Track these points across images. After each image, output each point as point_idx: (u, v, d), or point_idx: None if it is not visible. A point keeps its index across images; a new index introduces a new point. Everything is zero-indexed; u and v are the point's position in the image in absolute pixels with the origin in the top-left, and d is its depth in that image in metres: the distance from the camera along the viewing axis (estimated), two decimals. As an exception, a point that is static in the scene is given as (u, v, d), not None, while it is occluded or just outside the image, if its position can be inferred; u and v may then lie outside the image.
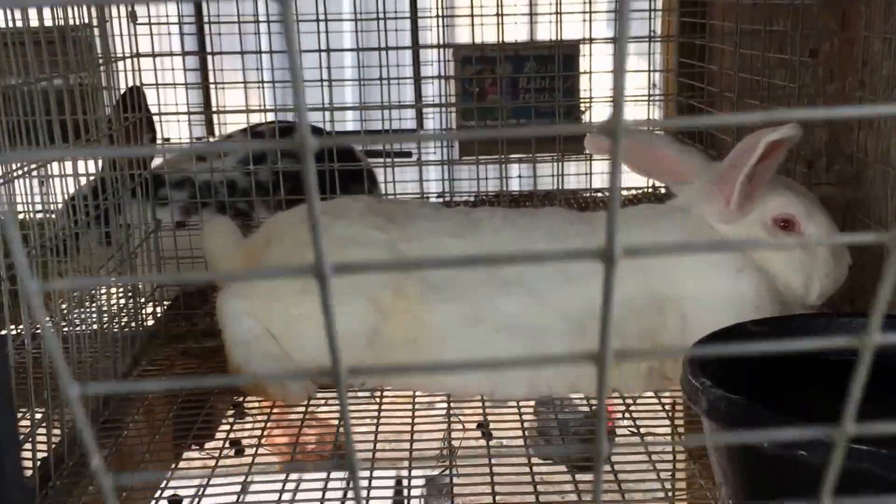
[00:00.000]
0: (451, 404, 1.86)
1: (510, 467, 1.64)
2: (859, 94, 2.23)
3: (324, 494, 1.51)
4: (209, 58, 2.85)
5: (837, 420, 1.30)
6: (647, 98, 2.81)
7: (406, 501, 1.72)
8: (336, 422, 1.90)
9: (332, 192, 2.32)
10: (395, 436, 1.71)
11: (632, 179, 3.56)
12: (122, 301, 2.11)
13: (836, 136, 2.42)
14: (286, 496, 1.50)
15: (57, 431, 1.55)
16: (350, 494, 1.52)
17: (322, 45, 2.30)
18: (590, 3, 2.64)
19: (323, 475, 1.58)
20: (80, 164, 1.80)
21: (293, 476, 1.59)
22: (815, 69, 2.46)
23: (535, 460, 1.63)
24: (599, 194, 3.48)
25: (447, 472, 1.72)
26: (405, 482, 1.66)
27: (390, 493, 1.76)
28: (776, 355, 1.38)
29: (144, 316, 2.23)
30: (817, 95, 2.46)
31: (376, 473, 1.58)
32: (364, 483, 1.57)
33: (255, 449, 1.65)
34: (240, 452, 1.70)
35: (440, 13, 2.50)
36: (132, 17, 2.17)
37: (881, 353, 1.34)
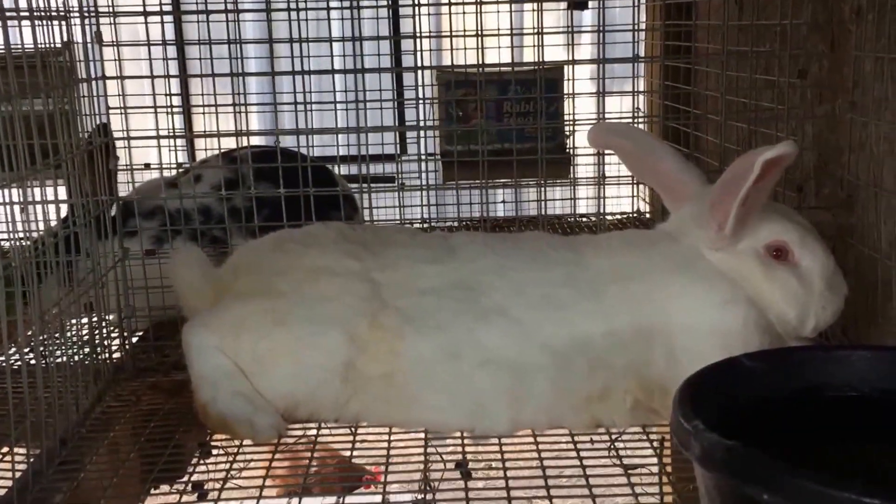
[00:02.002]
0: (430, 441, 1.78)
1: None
2: (850, 116, 2.17)
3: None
4: (189, 81, 2.79)
5: (845, 465, 1.22)
6: (632, 119, 2.74)
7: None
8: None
9: (308, 219, 2.24)
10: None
11: (618, 204, 3.52)
12: (87, 333, 2.02)
13: (825, 160, 2.36)
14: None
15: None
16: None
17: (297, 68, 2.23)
18: (571, 23, 2.58)
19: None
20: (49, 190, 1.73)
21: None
22: (804, 91, 2.41)
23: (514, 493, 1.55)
24: (584, 219, 3.43)
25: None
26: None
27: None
28: (771, 391, 1.33)
29: (111, 347, 2.13)
30: (806, 118, 2.40)
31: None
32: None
33: (218, 493, 1.55)
34: (203, 497, 1.61)
35: (418, 33, 2.43)
36: (97, 37, 2.09)
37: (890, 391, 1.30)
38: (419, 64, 2.51)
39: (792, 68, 2.27)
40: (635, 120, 2.80)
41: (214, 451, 1.78)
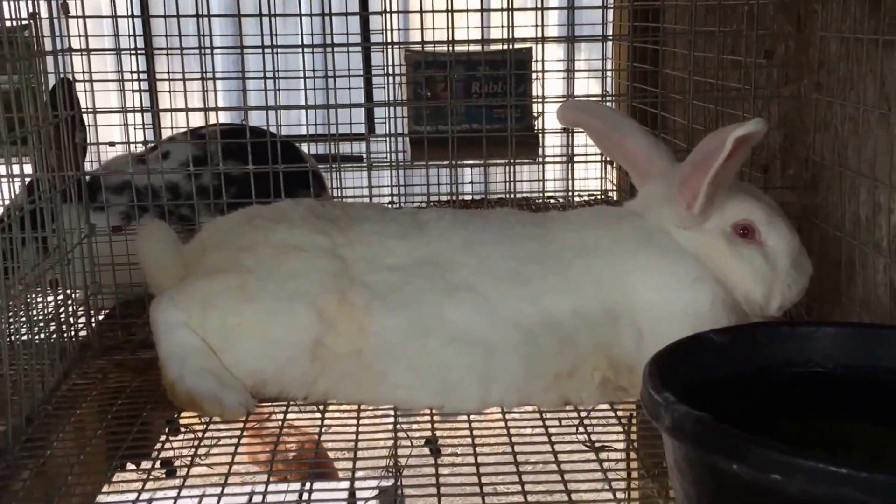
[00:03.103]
0: (399, 418, 1.78)
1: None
2: (815, 96, 2.20)
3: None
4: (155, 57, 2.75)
5: (809, 439, 1.24)
6: (600, 99, 2.75)
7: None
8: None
9: (276, 196, 2.23)
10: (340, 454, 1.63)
11: (585, 185, 3.54)
12: (53, 310, 2.00)
13: (791, 140, 2.39)
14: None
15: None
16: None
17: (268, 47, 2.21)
18: (542, 5, 2.57)
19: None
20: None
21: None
22: (771, 71, 2.43)
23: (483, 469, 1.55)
24: (552, 200, 3.45)
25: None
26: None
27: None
28: (738, 366, 1.35)
29: (77, 325, 2.11)
30: (772, 97, 2.42)
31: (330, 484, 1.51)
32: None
33: (186, 470, 1.54)
34: (171, 473, 1.60)
35: (386, 8, 2.41)
36: (64, 9, 2.05)
37: (859, 367, 1.32)
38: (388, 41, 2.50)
39: (758, 48, 2.28)
40: (604, 100, 2.81)
41: (182, 429, 1.77)
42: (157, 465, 1.63)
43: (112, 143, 2.98)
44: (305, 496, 1.57)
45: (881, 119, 1.90)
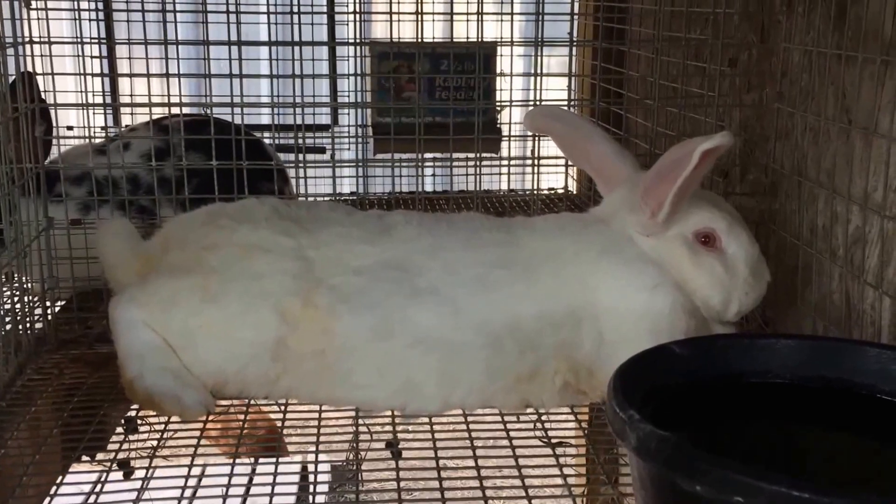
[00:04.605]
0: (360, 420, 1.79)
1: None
2: (777, 106, 2.23)
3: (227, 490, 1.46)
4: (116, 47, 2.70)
5: (775, 455, 1.27)
6: (567, 103, 2.76)
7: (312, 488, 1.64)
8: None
9: (239, 191, 2.21)
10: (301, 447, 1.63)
11: (549, 180, 3.56)
12: (8, 302, 1.96)
13: (751, 147, 2.42)
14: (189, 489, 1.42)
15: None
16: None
17: (234, 38, 2.18)
18: (511, 3, 2.58)
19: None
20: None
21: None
22: (734, 79, 2.46)
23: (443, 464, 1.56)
24: (514, 193, 3.47)
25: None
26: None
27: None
28: (698, 376, 1.38)
29: (32, 318, 2.07)
30: (734, 105, 2.45)
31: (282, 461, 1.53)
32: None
33: (147, 471, 1.53)
34: (128, 475, 1.59)
35: (357, 9, 2.40)
36: (26, 2, 2.01)
37: (814, 378, 1.35)
38: (356, 38, 2.49)
39: (723, 56, 2.31)
40: (570, 103, 2.82)
41: (141, 428, 1.75)
42: (115, 466, 1.61)
43: (70, 128, 2.93)
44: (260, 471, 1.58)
45: (841, 132, 1.93)
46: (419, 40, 2.23)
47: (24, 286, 2.05)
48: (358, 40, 2.51)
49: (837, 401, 1.35)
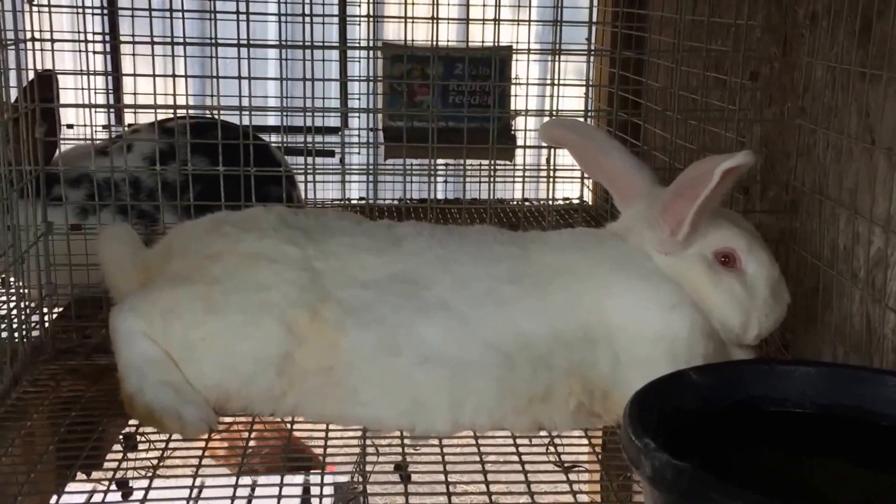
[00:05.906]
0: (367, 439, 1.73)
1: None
2: (798, 122, 2.17)
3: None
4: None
5: (791, 486, 1.23)
6: (584, 113, 2.70)
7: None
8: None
9: (247, 196, 2.15)
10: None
11: (564, 190, 3.49)
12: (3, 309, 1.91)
13: (772, 163, 2.36)
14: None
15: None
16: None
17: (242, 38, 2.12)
18: (529, 8, 2.52)
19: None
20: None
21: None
22: (755, 92, 2.40)
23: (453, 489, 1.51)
24: (528, 203, 3.40)
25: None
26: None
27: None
28: (716, 403, 1.33)
29: (29, 326, 2.01)
30: (756, 120, 2.39)
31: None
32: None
33: (145, 491, 1.47)
34: (127, 495, 1.53)
35: (371, 12, 2.34)
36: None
37: (832, 406, 1.31)
38: (368, 40, 2.44)
39: (744, 69, 2.25)
40: (587, 113, 2.77)
41: (141, 446, 1.69)
42: (113, 486, 1.55)
43: (69, 126, 2.87)
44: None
45: (864, 151, 1.87)
46: (434, 44, 2.17)
47: (21, 292, 1.99)
48: (370, 45, 2.45)
49: (856, 431, 1.33)
